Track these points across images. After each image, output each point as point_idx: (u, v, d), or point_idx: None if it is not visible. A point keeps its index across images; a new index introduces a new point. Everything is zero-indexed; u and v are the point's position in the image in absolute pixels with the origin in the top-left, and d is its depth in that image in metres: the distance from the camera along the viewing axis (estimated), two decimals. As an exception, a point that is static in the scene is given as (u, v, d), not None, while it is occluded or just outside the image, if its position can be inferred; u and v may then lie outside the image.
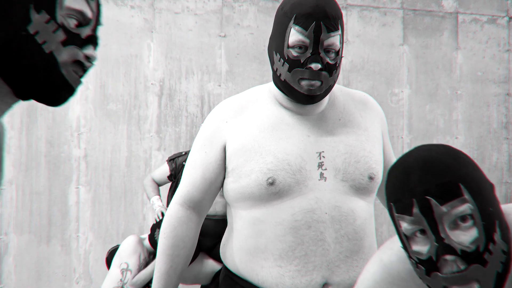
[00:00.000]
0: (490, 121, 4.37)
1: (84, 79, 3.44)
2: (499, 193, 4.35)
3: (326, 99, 1.27)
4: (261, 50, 3.97)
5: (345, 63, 4.12)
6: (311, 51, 1.14)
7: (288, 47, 1.16)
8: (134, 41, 3.76)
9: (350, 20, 4.14)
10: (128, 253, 2.39)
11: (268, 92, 1.28)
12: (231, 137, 1.22)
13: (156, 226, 2.57)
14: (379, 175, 1.25)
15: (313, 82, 1.15)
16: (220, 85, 3.90)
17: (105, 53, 3.71)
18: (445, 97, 4.28)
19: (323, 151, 1.20)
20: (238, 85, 3.92)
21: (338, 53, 1.18)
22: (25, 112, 3.60)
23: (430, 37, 4.28)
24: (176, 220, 1.27)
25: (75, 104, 3.67)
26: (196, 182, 1.27)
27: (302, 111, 1.24)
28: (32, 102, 3.60)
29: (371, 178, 1.21)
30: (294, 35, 1.14)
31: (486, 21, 4.39)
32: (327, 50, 1.16)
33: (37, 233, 3.60)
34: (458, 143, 4.28)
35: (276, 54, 1.19)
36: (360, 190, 1.21)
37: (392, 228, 4.14)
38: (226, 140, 1.23)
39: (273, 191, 1.15)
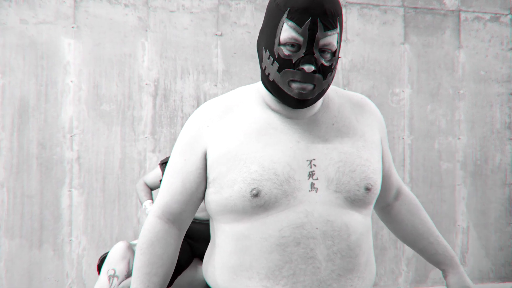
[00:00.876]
0: (493, 121, 4.28)
1: (77, 79, 3.35)
2: (502, 195, 4.26)
3: (319, 102, 1.16)
4: (258, 49, 3.87)
5: (344, 62, 4.03)
6: (304, 50, 1.03)
7: (279, 44, 1.05)
8: (128, 40, 3.67)
9: (350, 18, 4.05)
10: (117, 259, 2.31)
11: (256, 92, 1.17)
12: (212, 143, 1.11)
13: None
14: (377, 186, 1.13)
15: (304, 85, 1.04)
16: (216, 85, 3.81)
17: (98, 52, 3.62)
18: (447, 97, 4.20)
19: (314, 159, 1.08)
20: (235, 85, 3.83)
21: (334, 54, 1.07)
22: (16, 113, 3.51)
23: (432, 35, 4.19)
24: (154, 235, 1.16)
25: (67, 105, 3.58)
26: (175, 192, 1.16)
27: (293, 114, 1.12)
28: (23, 102, 3.51)
29: (367, 189, 1.10)
30: (287, 31, 1.03)
31: (489, 19, 4.30)
32: (323, 50, 1.05)
33: (29, 237, 3.51)
34: (460, 143, 4.20)
35: (265, 51, 1.08)
36: (355, 202, 1.09)
37: (393, 231, 4.04)
38: (207, 147, 1.12)
39: (258, 203, 1.04)
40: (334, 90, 1.23)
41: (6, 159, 3.49)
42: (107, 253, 2.66)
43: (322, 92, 1.09)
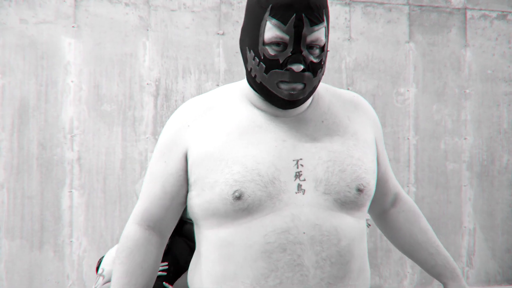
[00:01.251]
0: (500, 121, 4.22)
1: (77, 79, 3.32)
2: (509, 196, 4.20)
3: (308, 99, 1.10)
4: (261, 48, 3.84)
5: (348, 61, 3.98)
6: (291, 49, 0.97)
7: (264, 44, 0.98)
8: (129, 39, 3.64)
9: (354, 16, 4.00)
10: (109, 260, 2.29)
11: (240, 90, 1.11)
12: (193, 143, 1.05)
13: None
14: (371, 187, 1.06)
15: (294, 85, 0.98)
16: (218, 85, 3.77)
17: (99, 52, 3.59)
18: (453, 96, 4.15)
19: (301, 159, 1.01)
20: (237, 85, 3.79)
21: (323, 48, 1.01)
22: (16, 113, 3.49)
23: (437, 34, 4.14)
24: (133, 243, 1.10)
25: (68, 105, 3.55)
26: (155, 197, 1.10)
27: (279, 112, 1.06)
28: (24, 102, 3.49)
29: (359, 190, 1.03)
30: (271, 30, 0.97)
31: (496, 17, 4.24)
32: (311, 46, 0.99)
33: (29, 238, 3.49)
34: (467, 144, 4.14)
35: (249, 51, 1.02)
36: (346, 204, 1.02)
37: (398, 232, 4.00)
38: (187, 147, 1.06)
39: (240, 206, 0.98)
40: (324, 88, 1.16)
41: (6, 159, 3.47)
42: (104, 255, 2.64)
43: (313, 90, 1.04)
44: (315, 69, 1.00)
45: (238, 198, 0.98)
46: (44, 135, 3.53)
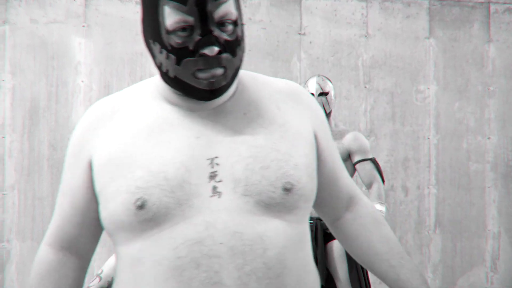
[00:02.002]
0: (526, 119, 4.07)
1: (87, 79, 3.27)
2: (536, 198, 4.04)
3: (230, 89, 0.95)
4: (274, 46, 3.74)
5: (365, 58, 3.86)
6: (199, 31, 0.84)
7: (168, 32, 0.85)
8: (139, 38, 3.59)
9: (371, 12, 3.88)
10: (109, 263, 2.25)
11: (154, 86, 0.97)
12: (97, 149, 0.91)
13: None
14: (302, 185, 0.90)
15: (213, 71, 0.85)
16: (230, 84, 3.69)
17: (109, 51, 3.55)
18: (476, 94, 4.01)
19: (216, 157, 0.87)
20: (250, 84, 3.71)
21: (236, 22, 0.87)
22: (27, 114, 3.47)
23: (459, 29, 4.00)
24: (44, 266, 0.96)
25: (78, 105, 3.52)
26: (66, 214, 0.96)
27: (195, 106, 0.92)
28: (34, 103, 3.47)
29: (286, 189, 0.87)
30: (171, 15, 0.84)
31: (522, 10, 4.08)
32: (221, 23, 0.85)
33: (40, 239, 3.47)
34: (490, 144, 3.99)
35: (154, 44, 0.88)
36: (271, 206, 0.86)
37: (418, 236, 3.87)
38: (92, 155, 0.92)
39: (145, 217, 0.84)
40: (251, 77, 1.01)
41: (17, 161, 3.45)
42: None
43: (236, 72, 0.90)
44: (233, 48, 0.86)
45: (141, 207, 0.84)
46: (55, 135, 3.51)
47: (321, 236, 2.70)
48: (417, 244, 3.90)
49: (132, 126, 0.91)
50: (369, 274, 2.74)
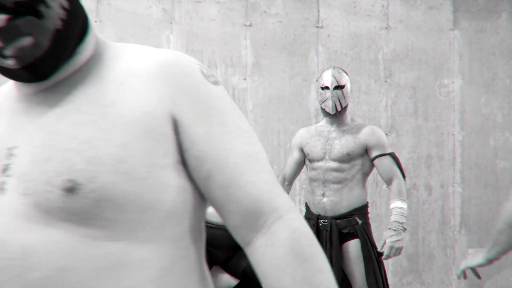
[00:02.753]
0: (558, 114, 3.86)
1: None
2: None
3: (70, 65, 0.75)
4: (290, 40, 3.62)
5: (386, 51, 3.71)
6: None
7: None
8: (152, 33, 3.51)
9: (392, 3, 3.72)
10: None
11: None
12: None
13: None
14: (99, 185, 0.66)
15: (15, 44, 0.66)
16: (245, 79, 3.58)
17: (121, 47, 3.49)
18: (503, 88, 3.81)
19: (16, 146, 0.71)
20: (265, 79, 3.59)
21: None
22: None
23: (486, 20, 3.81)
24: None
25: (90, 102, 3.47)
26: None
27: (25, 89, 0.76)
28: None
29: (68, 189, 0.65)
30: None
31: (553, 0, 3.87)
32: None
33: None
34: (519, 140, 3.80)
35: None
36: (52, 212, 0.66)
37: (442, 237, 3.70)
38: None
39: None
40: (120, 49, 0.79)
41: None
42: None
43: (60, 37, 0.70)
44: (32, 8, 0.66)
45: None
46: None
47: (337, 236, 2.57)
48: (441, 245, 3.73)
49: None
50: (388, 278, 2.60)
